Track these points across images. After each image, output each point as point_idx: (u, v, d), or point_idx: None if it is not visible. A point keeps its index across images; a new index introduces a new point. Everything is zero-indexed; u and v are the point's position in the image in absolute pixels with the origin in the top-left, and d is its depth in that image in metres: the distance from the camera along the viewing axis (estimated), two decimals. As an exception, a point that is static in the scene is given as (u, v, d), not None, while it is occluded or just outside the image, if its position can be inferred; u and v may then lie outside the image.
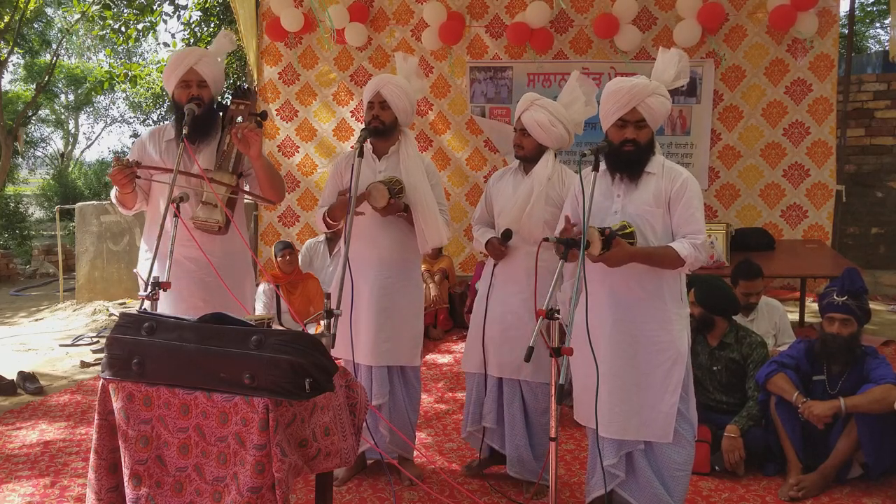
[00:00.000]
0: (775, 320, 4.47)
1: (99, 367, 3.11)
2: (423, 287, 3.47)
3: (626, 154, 2.66)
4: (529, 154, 3.22)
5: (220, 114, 3.21)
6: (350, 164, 3.28)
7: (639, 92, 2.60)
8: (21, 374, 4.98)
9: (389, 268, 3.32)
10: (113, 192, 3.19)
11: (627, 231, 2.57)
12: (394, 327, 3.31)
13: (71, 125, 22.99)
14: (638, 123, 2.64)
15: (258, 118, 3.18)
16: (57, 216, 8.56)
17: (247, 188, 3.21)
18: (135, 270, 3.30)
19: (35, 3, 12.04)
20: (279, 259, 5.84)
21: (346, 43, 7.32)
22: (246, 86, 3.34)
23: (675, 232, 2.66)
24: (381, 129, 3.26)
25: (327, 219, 3.34)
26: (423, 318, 3.47)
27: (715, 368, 3.78)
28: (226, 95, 7.14)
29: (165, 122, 3.35)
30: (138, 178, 3.05)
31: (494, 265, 3.30)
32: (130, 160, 3.04)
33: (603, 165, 2.70)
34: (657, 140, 2.83)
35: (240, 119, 3.14)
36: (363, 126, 3.31)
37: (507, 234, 3.22)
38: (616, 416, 2.69)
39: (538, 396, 3.24)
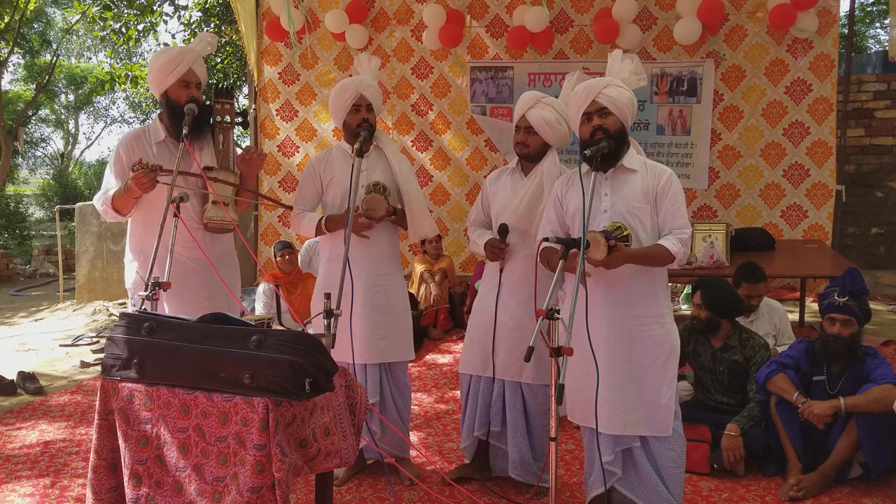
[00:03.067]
0: (775, 321, 4.47)
1: (99, 367, 3.11)
2: (405, 282, 3.54)
3: (597, 143, 2.68)
4: (533, 152, 3.20)
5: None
6: (327, 164, 3.37)
7: (594, 84, 2.72)
8: (21, 374, 4.98)
9: (379, 265, 3.35)
10: (103, 200, 3.13)
11: (624, 234, 2.61)
12: (390, 324, 3.33)
13: (71, 125, 23.00)
14: (601, 112, 2.71)
15: (241, 117, 3.22)
16: (57, 216, 8.56)
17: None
18: (136, 273, 3.26)
19: (35, 3, 12.04)
20: (278, 259, 5.84)
21: (346, 42, 7.32)
22: (229, 85, 3.36)
23: (661, 227, 2.72)
24: (371, 130, 3.31)
25: (323, 227, 3.32)
26: (410, 311, 3.52)
27: (719, 370, 3.78)
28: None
29: (147, 124, 3.33)
30: (157, 181, 3.04)
31: (501, 268, 3.26)
32: (152, 163, 3.01)
33: (586, 167, 2.73)
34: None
35: (227, 119, 3.17)
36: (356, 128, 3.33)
37: (504, 230, 3.19)
38: (617, 413, 2.70)
39: (539, 398, 3.24)
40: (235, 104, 3.25)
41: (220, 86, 3.27)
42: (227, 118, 3.17)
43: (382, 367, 3.37)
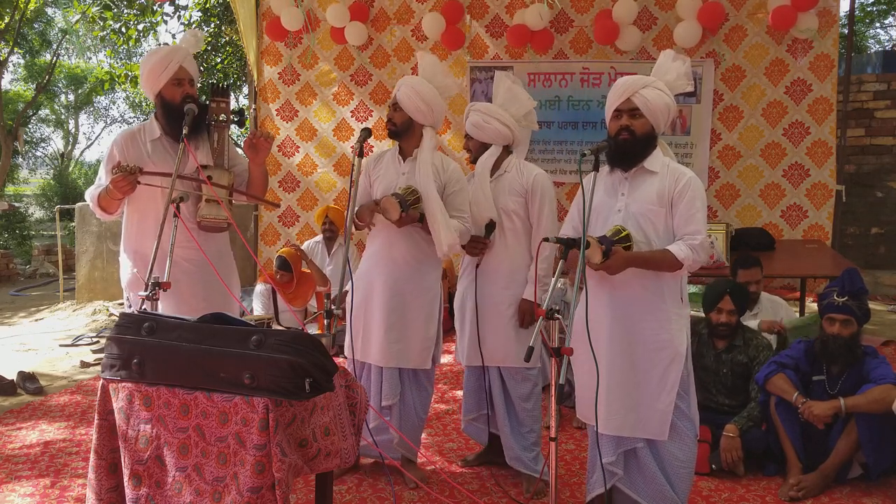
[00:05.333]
0: (781, 315, 4.48)
1: (99, 367, 3.11)
2: (438, 293, 3.44)
3: (621, 144, 2.67)
4: (476, 155, 3.44)
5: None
6: (378, 163, 3.42)
7: (633, 83, 2.66)
8: (21, 374, 4.98)
9: (402, 270, 3.33)
10: (92, 197, 3.14)
11: (622, 235, 2.58)
12: (403, 329, 3.31)
13: (71, 125, 23.01)
14: (632, 112, 2.66)
15: (237, 115, 3.22)
16: (57, 216, 8.56)
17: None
18: (130, 272, 3.26)
19: (35, 3, 12.05)
20: (277, 276, 5.80)
21: (346, 42, 7.32)
22: (225, 83, 3.37)
23: (675, 232, 2.66)
24: (394, 130, 3.31)
25: (356, 220, 3.35)
26: (436, 322, 3.39)
27: (722, 372, 3.78)
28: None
29: (143, 122, 3.32)
30: (139, 183, 3.04)
31: (477, 264, 3.39)
32: (132, 165, 3.02)
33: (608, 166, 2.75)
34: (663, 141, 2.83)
35: (222, 117, 3.18)
36: (362, 126, 3.35)
37: (491, 227, 3.32)
38: (613, 413, 2.70)
39: (518, 381, 3.35)
40: (231, 102, 3.25)
41: (216, 84, 3.27)
42: (223, 116, 3.17)
43: (406, 369, 3.37)
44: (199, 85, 3.26)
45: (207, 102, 3.19)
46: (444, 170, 3.33)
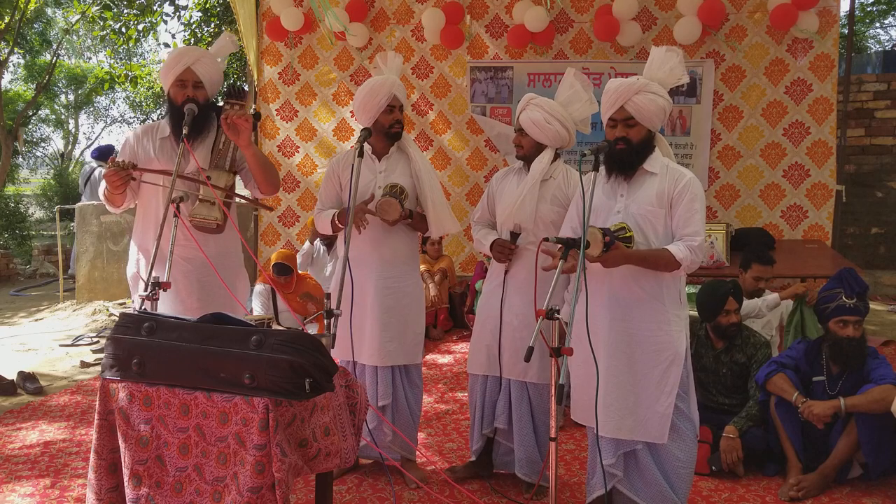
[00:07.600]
0: (781, 311, 4.50)
1: (99, 367, 3.11)
2: (422, 285, 3.49)
3: (618, 153, 2.67)
4: (528, 153, 3.23)
5: (214, 114, 3.20)
6: (347, 165, 3.29)
7: (624, 90, 2.64)
8: (21, 374, 4.98)
9: (392, 267, 3.33)
10: (101, 190, 3.19)
11: (627, 235, 2.59)
12: (398, 327, 3.31)
13: (71, 125, 22.98)
14: (627, 122, 2.66)
15: (253, 118, 3.20)
16: (57, 216, 8.56)
17: (242, 188, 3.23)
18: (134, 271, 3.27)
19: (35, 3, 12.05)
20: (282, 280, 5.80)
21: (346, 42, 7.32)
22: (241, 85, 3.34)
23: (673, 233, 2.67)
24: (401, 131, 3.34)
25: (336, 222, 3.34)
26: (424, 315, 3.47)
27: (722, 372, 3.78)
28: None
29: (159, 119, 3.33)
30: (133, 179, 3.06)
31: (507, 269, 3.26)
32: (125, 161, 3.04)
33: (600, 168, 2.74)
34: (662, 138, 2.83)
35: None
36: (363, 127, 3.31)
37: (515, 235, 3.23)
38: (611, 416, 2.69)
39: (544, 397, 3.24)
40: (247, 105, 3.21)
41: (232, 86, 3.25)
42: None
43: (398, 367, 3.36)
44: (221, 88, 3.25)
45: (217, 103, 3.19)
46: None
